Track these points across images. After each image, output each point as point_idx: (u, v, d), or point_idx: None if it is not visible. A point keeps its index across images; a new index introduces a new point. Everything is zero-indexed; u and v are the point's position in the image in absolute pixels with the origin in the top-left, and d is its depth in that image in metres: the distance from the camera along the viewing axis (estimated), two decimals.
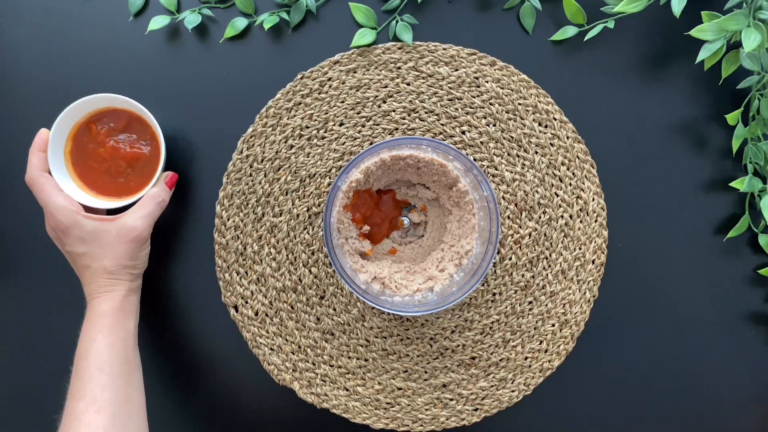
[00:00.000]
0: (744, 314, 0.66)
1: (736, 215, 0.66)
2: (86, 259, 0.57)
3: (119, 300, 0.57)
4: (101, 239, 0.57)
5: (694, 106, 0.66)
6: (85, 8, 0.67)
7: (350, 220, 0.62)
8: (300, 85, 0.65)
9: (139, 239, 0.59)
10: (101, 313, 0.56)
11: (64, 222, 0.57)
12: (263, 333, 0.66)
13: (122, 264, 0.58)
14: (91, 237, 0.57)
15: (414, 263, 0.65)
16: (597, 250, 0.65)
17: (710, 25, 0.58)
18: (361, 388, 0.66)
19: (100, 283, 0.57)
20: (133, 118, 0.63)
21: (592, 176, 0.65)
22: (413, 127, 0.65)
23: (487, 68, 0.65)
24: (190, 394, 0.67)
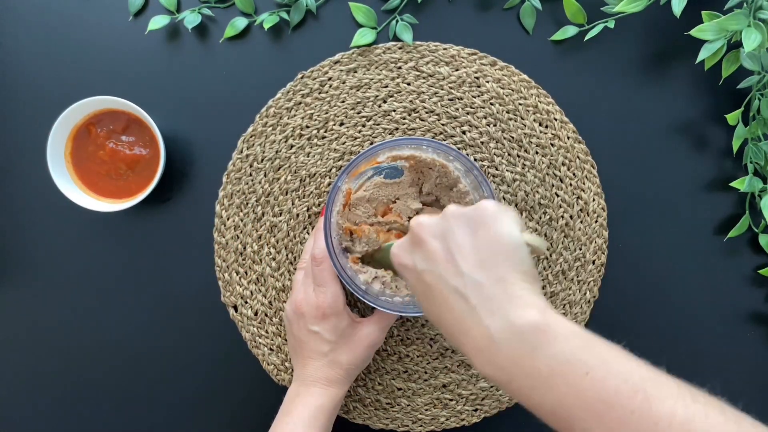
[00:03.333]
0: (744, 314, 0.66)
1: (737, 215, 0.66)
2: (326, 347, 0.57)
3: (339, 399, 0.58)
4: (349, 336, 0.58)
5: (694, 106, 0.66)
6: (85, 8, 0.66)
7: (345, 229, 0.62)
8: (300, 85, 0.65)
9: (376, 347, 0.59)
10: (320, 407, 0.56)
11: (334, 308, 0.57)
12: (263, 333, 0.66)
13: (356, 364, 0.58)
14: (344, 331, 0.57)
15: None
16: (597, 251, 0.65)
17: (710, 25, 0.58)
18: (361, 389, 0.66)
19: (329, 375, 0.57)
20: (132, 119, 0.63)
21: (593, 176, 0.65)
22: (414, 127, 0.65)
23: (487, 68, 0.65)
24: (190, 393, 0.67)
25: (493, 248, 0.41)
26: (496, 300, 0.40)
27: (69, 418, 0.67)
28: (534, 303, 0.39)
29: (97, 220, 0.66)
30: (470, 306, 0.40)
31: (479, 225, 0.42)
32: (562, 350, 0.37)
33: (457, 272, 0.41)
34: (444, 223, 0.43)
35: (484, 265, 0.41)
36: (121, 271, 0.67)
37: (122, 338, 0.67)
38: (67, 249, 0.67)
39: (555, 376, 0.37)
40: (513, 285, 0.40)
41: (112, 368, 0.67)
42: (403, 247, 0.46)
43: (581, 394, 0.36)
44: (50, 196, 0.64)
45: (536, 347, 0.38)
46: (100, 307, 0.67)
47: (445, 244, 0.42)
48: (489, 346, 0.39)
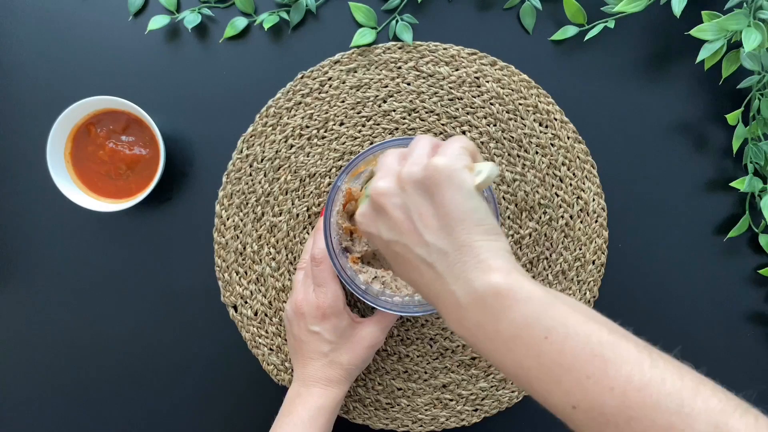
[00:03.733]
0: (744, 314, 0.66)
1: (737, 215, 0.66)
2: (326, 347, 0.57)
3: (339, 399, 0.58)
4: (349, 337, 0.58)
5: (694, 106, 0.66)
6: (85, 8, 0.66)
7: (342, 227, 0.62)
8: (300, 85, 0.65)
9: (376, 347, 0.59)
10: (321, 407, 0.56)
11: (334, 308, 0.57)
12: (263, 333, 0.66)
13: (356, 364, 0.58)
14: (344, 331, 0.58)
15: None
16: (597, 251, 0.65)
17: (710, 25, 0.58)
18: (361, 389, 0.66)
19: (330, 375, 0.57)
20: (132, 119, 0.63)
21: (593, 176, 0.65)
22: (414, 126, 0.65)
23: (487, 68, 0.65)
24: (189, 393, 0.67)
25: (452, 212, 0.41)
26: (459, 266, 0.40)
27: (69, 418, 0.67)
28: (497, 266, 0.40)
29: (97, 220, 0.66)
30: (437, 273, 0.41)
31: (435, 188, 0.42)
32: (522, 314, 0.38)
33: (421, 241, 0.42)
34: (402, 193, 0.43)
35: (447, 231, 0.41)
36: (121, 271, 0.67)
37: (122, 338, 0.67)
38: (67, 249, 0.67)
39: (515, 339, 0.38)
40: (476, 249, 0.40)
41: (112, 368, 0.67)
42: (367, 215, 0.46)
43: (540, 358, 0.37)
44: (50, 196, 0.64)
45: (499, 311, 0.38)
46: (99, 307, 0.67)
47: (407, 214, 0.43)
48: (457, 309, 0.40)
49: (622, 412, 0.34)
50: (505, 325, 0.38)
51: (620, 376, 0.35)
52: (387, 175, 0.44)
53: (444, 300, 0.41)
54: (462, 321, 0.41)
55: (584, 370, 0.36)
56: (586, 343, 0.37)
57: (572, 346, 0.37)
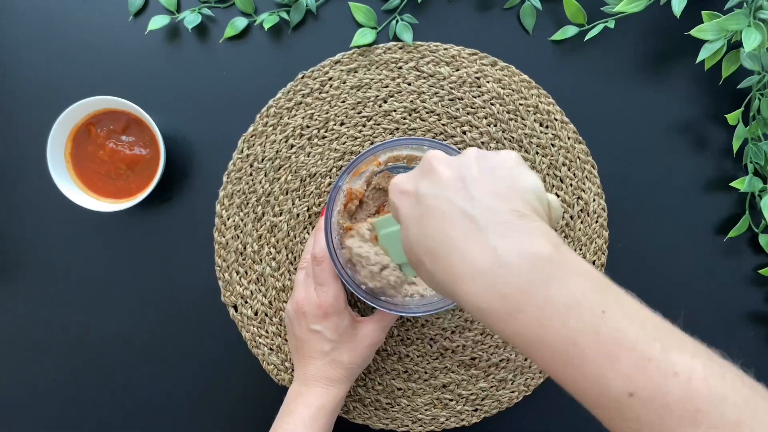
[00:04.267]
0: (744, 314, 0.66)
1: (737, 215, 0.66)
2: (327, 346, 0.57)
3: (340, 399, 0.58)
4: (350, 336, 0.57)
5: (694, 106, 0.66)
6: (85, 8, 0.66)
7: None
8: (301, 85, 0.65)
9: (377, 346, 0.59)
10: (321, 407, 0.56)
11: (335, 307, 0.57)
12: (263, 333, 0.66)
13: (357, 363, 0.58)
14: (345, 330, 0.57)
15: None
16: (598, 251, 0.65)
17: (710, 25, 0.58)
18: (361, 389, 0.66)
19: (331, 375, 0.57)
20: (132, 119, 0.63)
21: (593, 177, 0.65)
22: (414, 127, 0.65)
23: (488, 68, 0.65)
24: (189, 393, 0.67)
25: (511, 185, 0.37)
26: (508, 225, 0.35)
27: (69, 418, 0.67)
28: (549, 236, 0.35)
29: (97, 220, 0.66)
30: (477, 226, 0.35)
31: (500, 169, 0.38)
32: (578, 284, 0.33)
33: (467, 196, 0.37)
34: (463, 158, 0.39)
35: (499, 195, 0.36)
36: (121, 271, 0.67)
37: (122, 338, 0.67)
38: (67, 249, 0.67)
39: (569, 309, 0.33)
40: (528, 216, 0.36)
41: (112, 368, 0.67)
42: (408, 176, 0.41)
43: (597, 333, 0.32)
44: (50, 196, 0.64)
45: (551, 278, 0.33)
46: (99, 307, 0.67)
47: (459, 173, 0.38)
48: (493, 268, 0.34)
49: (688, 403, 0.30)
50: (559, 292, 0.33)
51: (684, 363, 0.31)
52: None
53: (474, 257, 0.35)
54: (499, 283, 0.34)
55: (647, 352, 0.31)
56: (646, 324, 0.33)
57: (632, 325, 0.32)
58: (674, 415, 0.30)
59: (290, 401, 0.57)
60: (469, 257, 0.35)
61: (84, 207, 0.62)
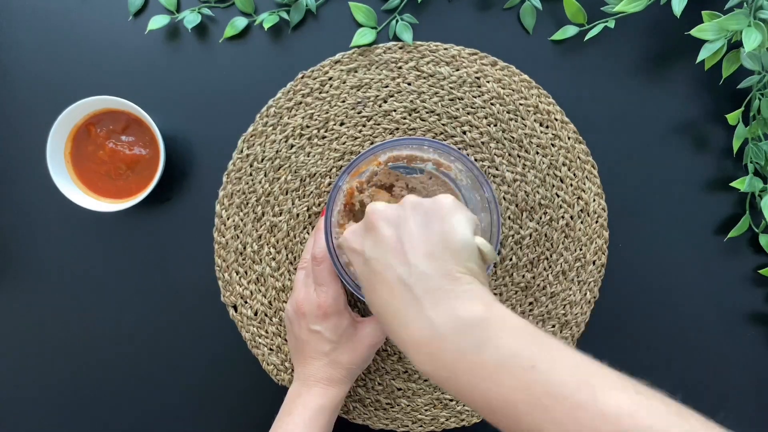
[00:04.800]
0: (744, 314, 0.66)
1: (737, 215, 0.66)
2: (327, 346, 0.57)
3: (340, 399, 0.58)
4: (350, 336, 0.58)
5: (694, 106, 0.66)
6: (85, 8, 0.66)
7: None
8: (301, 85, 0.65)
9: (377, 346, 0.59)
10: (321, 407, 0.56)
11: (335, 307, 0.57)
12: (262, 333, 0.66)
13: (357, 364, 0.58)
14: (345, 331, 0.57)
15: None
16: (598, 251, 0.65)
17: (711, 25, 0.58)
18: (361, 389, 0.66)
19: (330, 375, 0.57)
20: (132, 119, 0.63)
21: (593, 177, 0.65)
22: (414, 127, 0.65)
23: (488, 68, 0.65)
24: (189, 393, 0.67)
25: (444, 242, 0.41)
26: (441, 292, 0.39)
27: (69, 418, 0.67)
28: (480, 296, 0.39)
29: (97, 220, 0.66)
30: (414, 296, 0.39)
31: (434, 218, 0.42)
32: (509, 344, 0.37)
33: (404, 261, 0.41)
34: (400, 211, 0.43)
35: (433, 257, 0.40)
36: (120, 271, 0.67)
37: (122, 338, 0.67)
38: (67, 249, 0.67)
39: (501, 370, 0.36)
40: (460, 279, 0.39)
41: (112, 368, 0.67)
42: (356, 232, 0.46)
43: (528, 388, 0.35)
44: (50, 196, 0.64)
45: (482, 341, 0.37)
46: (99, 307, 0.67)
47: (397, 231, 0.42)
48: (431, 340, 0.38)
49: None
50: (491, 355, 0.37)
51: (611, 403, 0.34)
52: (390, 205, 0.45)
53: (415, 329, 0.39)
54: (436, 353, 0.38)
55: (576, 399, 0.34)
56: (574, 372, 0.36)
57: (561, 375, 0.35)
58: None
59: (290, 401, 0.57)
60: (411, 329, 0.39)
61: (84, 207, 0.62)
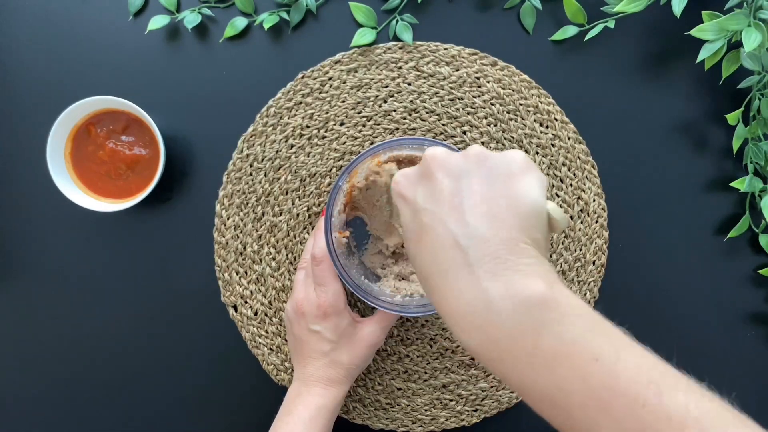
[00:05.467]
0: (744, 314, 0.66)
1: (737, 215, 0.66)
2: (327, 346, 0.57)
3: (339, 399, 0.57)
4: (350, 336, 0.57)
5: (694, 106, 0.66)
6: (85, 8, 0.66)
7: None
8: (301, 85, 0.65)
9: (377, 346, 0.59)
10: (321, 407, 0.56)
11: (335, 307, 0.56)
12: (262, 333, 0.66)
13: (357, 364, 0.58)
14: (345, 331, 0.57)
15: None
16: (598, 251, 0.65)
17: (711, 25, 0.58)
18: (361, 389, 0.66)
19: (330, 375, 0.57)
20: (132, 119, 0.63)
21: (593, 177, 0.65)
22: (414, 127, 0.65)
23: (488, 68, 0.65)
24: (189, 393, 0.67)
25: (510, 203, 0.36)
26: (501, 262, 0.34)
27: (69, 418, 0.67)
28: (542, 273, 0.34)
29: (97, 220, 0.66)
30: (468, 261, 0.35)
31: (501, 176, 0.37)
32: (570, 330, 0.33)
33: (461, 219, 0.36)
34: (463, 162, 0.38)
35: (496, 219, 0.35)
36: (120, 271, 0.67)
37: (122, 338, 0.67)
38: (67, 249, 0.67)
39: (559, 357, 0.33)
40: (521, 249, 0.35)
41: (112, 368, 0.67)
42: (409, 177, 0.40)
43: (587, 380, 0.32)
44: (50, 196, 0.64)
45: (542, 324, 0.33)
46: (99, 307, 0.67)
47: (457, 184, 0.37)
48: (484, 313, 0.34)
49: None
50: (549, 341, 0.33)
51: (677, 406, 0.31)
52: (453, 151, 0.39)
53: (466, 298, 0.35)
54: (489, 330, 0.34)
55: (639, 397, 0.31)
56: (640, 368, 0.32)
57: (626, 370, 0.32)
58: None
59: (290, 401, 0.57)
60: (461, 298, 0.35)
61: (84, 207, 0.62)
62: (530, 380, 0.34)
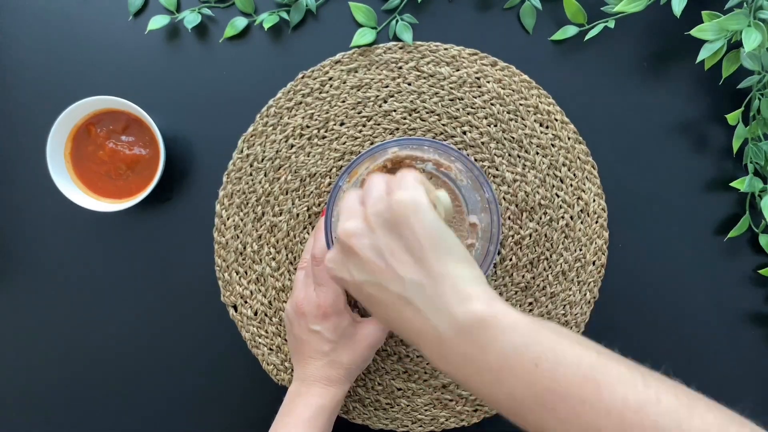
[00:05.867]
0: (744, 314, 0.66)
1: (737, 215, 0.66)
2: (327, 346, 0.57)
3: (339, 399, 0.58)
4: (350, 336, 0.57)
5: (694, 106, 0.66)
6: (85, 8, 0.66)
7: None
8: (301, 85, 0.65)
9: (376, 347, 0.59)
10: (321, 407, 0.56)
11: (335, 307, 0.56)
12: (262, 333, 0.66)
13: (357, 364, 0.58)
14: (345, 331, 0.57)
15: None
16: (597, 251, 0.65)
17: (711, 25, 0.58)
18: (361, 389, 0.66)
19: (330, 375, 0.57)
20: (132, 119, 0.63)
21: (593, 177, 0.65)
22: (414, 127, 0.65)
23: (488, 69, 0.65)
24: (189, 393, 0.67)
25: (423, 242, 0.40)
26: (438, 298, 0.39)
27: (69, 418, 0.67)
28: (477, 294, 0.39)
29: (97, 220, 0.66)
30: (415, 308, 0.40)
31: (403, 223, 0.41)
32: (510, 341, 0.37)
33: (395, 277, 0.41)
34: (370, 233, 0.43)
35: (420, 263, 0.40)
36: (120, 271, 0.67)
37: (121, 338, 0.67)
38: (67, 249, 0.67)
39: (504, 369, 0.37)
40: (452, 278, 0.40)
41: (112, 368, 0.67)
42: (336, 260, 0.45)
43: (531, 386, 0.36)
44: (50, 196, 0.64)
45: (485, 342, 0.38)
46: (99, 307, 0.67)
47: (378, 252, 0.42)
48: (440, 345, 0.39)
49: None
50: (494, 356, 0.37)
51: (615, 399, 0.34)
52: (352, 216, 0.44)
53: (425, 336, 0.40)
54: (447, 356, 0.39)
55: (578, 396, 0.35)
56: (578, 367, 0.36)
57: (564, 372, 0.36)
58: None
59: (290, 401, 0.57)
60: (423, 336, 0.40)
61: (84, 207, 0.62)
62: (487, 392, 0.38)
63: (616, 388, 0.34)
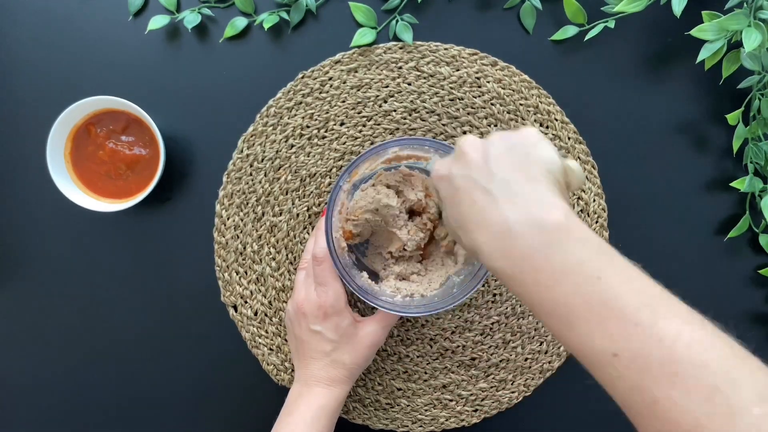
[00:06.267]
0: (744, 314, 0.66)
1: (737, 215, 0.66)
2: (328, 347, 0.57)
3: (341, 399, 0.58)
4: (351, 336, 0.57)
5: (694, 106, 0.66)
6: (85, 8, 0.66)
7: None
8: (301, 85, 0.65)
9: (377, 346, 0.59)
10: (323, 407, 0.56)
11: (336, 307, 0.57)
12: (262, 333, 0.66)
13: (358, 364, 0.58)
14: (346, 331, 0.57)
15: (414, 263, 0.64)
16: None
17: (711, 25, 0.58)
18: (361, 389, 0.66)
19: (332, 375, 0.57)
20: (131, 119, 0.63)
21: (594, 177, 0.65)
22: (414, 127, 0.65)
23: (488, 68, 0.65)
24: (189, 393, 0.67)
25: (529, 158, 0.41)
26: (521, 195, 0.40)
27: (69, 418, 0.67)
28: (559, 205, 0.39)
29: (97, 220, 0.66)
30: (493, 198, 0.40)
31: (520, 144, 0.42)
32: (578, 251, 0.37)
33: (488, 173, 0.41)
34: (487, 141, 0.44)
35: (516, 168, 0.41)
36: (120, 271, 0.67)
37: (121, 338, 0.67)
38: (67, 249, 0.67)
39: (566, 273, 0.37)
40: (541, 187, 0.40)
41: (112, 368, 0.67)
42: (443, 161, 0.46)
43: (587, 296, 0.36)
44: (50, 196, 0.64)
45: (552, 242, 0.37)
46: (99, 307, 0.67)
47: (484, 154, 0.43)
48: (504, 235, 0.39)
49: (667, 366, 0.33)
50: (559, 257, 0.37)
51: (670, 330, 0.34)
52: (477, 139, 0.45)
53: (491, 228, 0.40)
54: (507, 249, 0.39)
55: (634, 317, 0.34)
56: (640, 292, 0.36)
57: (626, 291, 0.35)
58: (653, 375, 0.33)
59: (291, 402, 0.57)
60: (487, 227, 0.40)
61: (84, 207, 0.62)
62: (540, 294, 0.38)
63: (672, 321, 0.34)
